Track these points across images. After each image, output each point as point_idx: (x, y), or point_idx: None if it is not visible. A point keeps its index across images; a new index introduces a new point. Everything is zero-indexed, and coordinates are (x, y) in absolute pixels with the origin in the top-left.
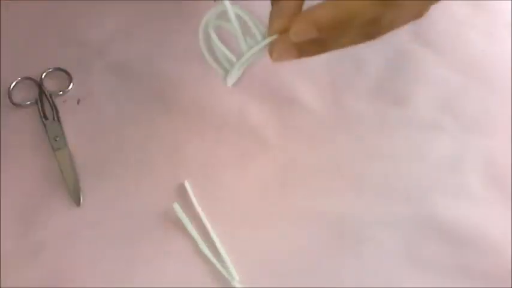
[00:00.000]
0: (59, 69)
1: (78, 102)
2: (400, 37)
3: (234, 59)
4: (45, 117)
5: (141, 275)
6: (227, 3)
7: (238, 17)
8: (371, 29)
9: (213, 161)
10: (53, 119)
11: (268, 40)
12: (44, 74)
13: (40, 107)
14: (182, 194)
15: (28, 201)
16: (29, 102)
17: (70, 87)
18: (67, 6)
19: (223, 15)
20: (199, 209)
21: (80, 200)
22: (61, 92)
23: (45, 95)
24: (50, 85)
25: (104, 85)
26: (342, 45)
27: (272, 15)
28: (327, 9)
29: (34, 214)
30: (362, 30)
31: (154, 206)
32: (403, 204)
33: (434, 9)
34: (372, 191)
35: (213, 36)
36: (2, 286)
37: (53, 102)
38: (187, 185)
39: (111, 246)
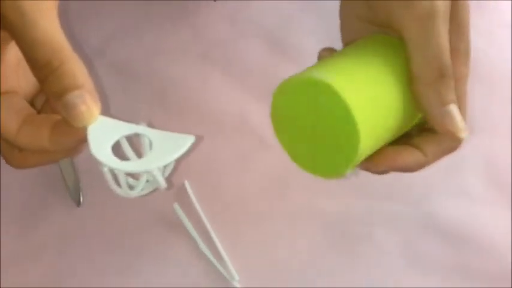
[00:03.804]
0: None
1: None
2: None
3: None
4: None
5: (141, 275)
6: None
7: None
8: None
9: (213, 161)
10: None
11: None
12: None
13: None
14: (182, 194)
15: (28, 201)
16: None
17: None
18: (67, 7)
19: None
20: (199, 209)
21: (80, 200)
22: None
23: None
24: None
25: (104, 85)
26: None
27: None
28: None
29: (34, 214)
30: None
31: (154, 206)
32: (402, 204)
33: None
34: (371, 190)
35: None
36: (2, 286)
37: None
38: (187, 185)
39: (110, 246)
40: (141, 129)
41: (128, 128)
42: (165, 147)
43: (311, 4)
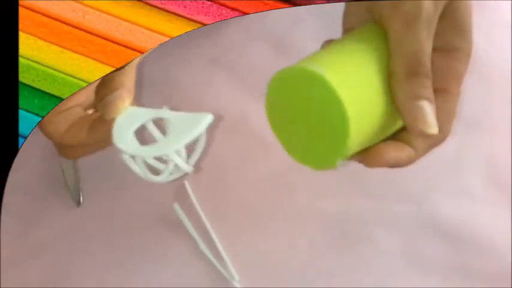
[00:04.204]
0: None
1: None
2: None
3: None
4: None
5: (141, 275)
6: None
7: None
8: None
9: (213, 161)
10: None
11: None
12: None
13: None
14: (182, 194)
15: (28, 201)
16: None
17: None
18: None
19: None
20: (199, 209)
21: (80, 200)
22: None
23: None
24: None
25: None
26: None
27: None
28: None
29: (34, 214)
30: None
31: (154, 206)
32: (403, 204)
33: None
34: (371, 190)
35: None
36: (2, 286)
37: None
38: (187, 185)
39: (110, 246)
40: (161, 112)
41: (150, 113)
42: (182, 129)
43: (317, 9)
